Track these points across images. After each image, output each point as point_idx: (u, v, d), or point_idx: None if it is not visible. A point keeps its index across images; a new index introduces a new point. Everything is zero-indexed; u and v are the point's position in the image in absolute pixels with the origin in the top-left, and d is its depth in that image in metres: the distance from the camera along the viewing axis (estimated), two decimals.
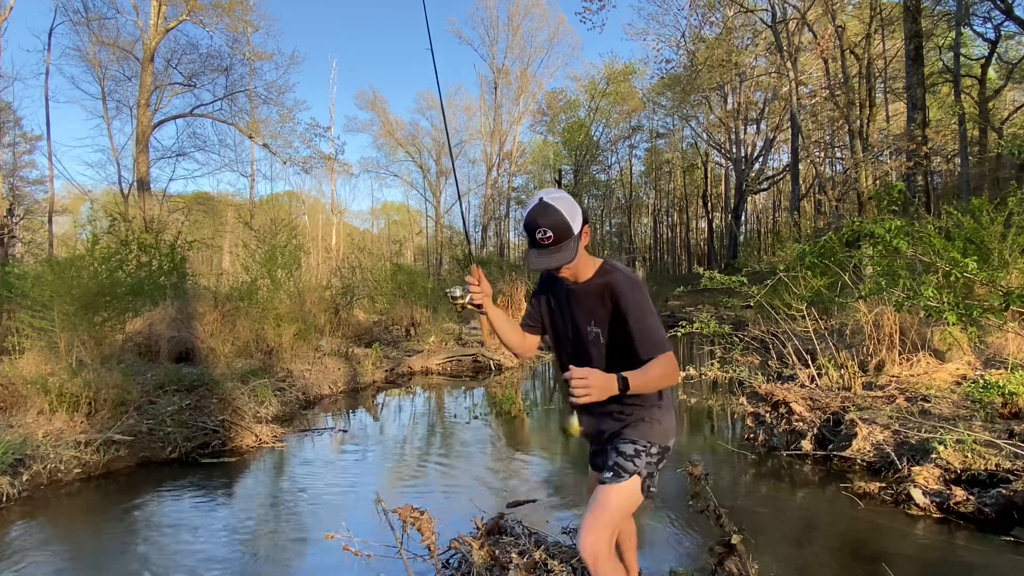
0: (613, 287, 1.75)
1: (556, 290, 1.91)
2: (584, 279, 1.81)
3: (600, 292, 1.78)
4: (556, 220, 1.67)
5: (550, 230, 1.67)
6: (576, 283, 1.83)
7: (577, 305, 1.84)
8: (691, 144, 37.38)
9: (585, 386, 1.54)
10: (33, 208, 23.48)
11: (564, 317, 1.89)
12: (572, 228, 1.69)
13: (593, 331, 1.80)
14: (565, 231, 1.68)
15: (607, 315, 1.76)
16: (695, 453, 5.45)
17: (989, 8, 15.31)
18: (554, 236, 1.67)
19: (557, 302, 1.91)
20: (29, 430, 4.79)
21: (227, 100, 21.11)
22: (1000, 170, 16.15)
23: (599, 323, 1.79)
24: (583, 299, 1.82)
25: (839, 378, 5.82)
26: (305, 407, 7.21)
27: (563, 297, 1.88)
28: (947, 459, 3.77)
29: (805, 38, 18.10)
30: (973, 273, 3.62)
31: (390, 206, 50.74)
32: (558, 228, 1.68)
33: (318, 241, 32.35)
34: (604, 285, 1.77)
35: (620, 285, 1.74)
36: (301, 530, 3.75)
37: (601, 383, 1.56)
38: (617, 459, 1.83)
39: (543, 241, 1.68)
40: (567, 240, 1.69)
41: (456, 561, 2.75)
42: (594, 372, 1.56)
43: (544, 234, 1.67)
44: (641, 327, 1.70)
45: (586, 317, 1.82)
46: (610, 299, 1.75)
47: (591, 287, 1.80)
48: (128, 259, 8.44)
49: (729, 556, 2.33)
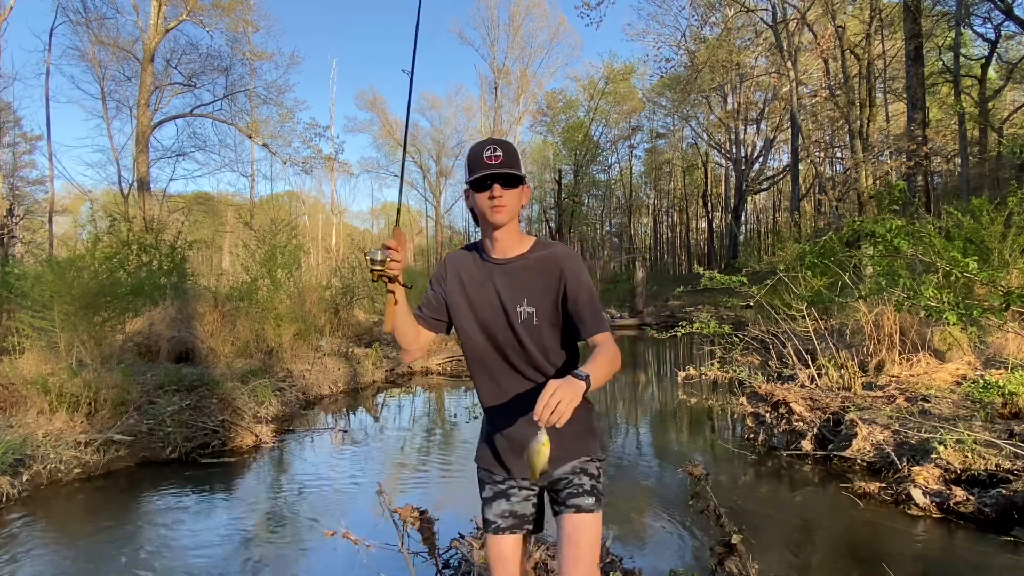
0: (562, 260, 1.56)
1: (471, 269, 1.64)
2: (515, 252, 1.60)
3: (541, 266, 1.57)
4: (508, 148, 1.52)
5: (500, 149, 1.50)
6: (504, 258, 1.60)
7: (505, 282, 1.59)
8: (691, 144, 37.43)
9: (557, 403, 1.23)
10: (33, 208, 23.50)
11: (484, 297, 1.61)
12: (521, 165, 1.54)
13: (525, 311, 1.56)
14: (515, 160, 1.52)
15: (550, 292, 1.55)
16: (695, 453, 5.45)
17: (989, 8, 15.32)
18: (504, 157, 1.50)
19: (473, 281, 1.63)
20: (29, 430, 4.79)
21: (227, 100, 21.13)
22: (1000, 170, 16.16)
23: (533, 301, 1.56)
24: (515, 275, 1.58)
25: (839, 378, 5.82)
26: (305, 407, 7.21)
27: (484, 275, 1.62)
28: (947, 459, 3.77)
29: (805, 38, 18.10)
30: (973, 273, 3.62)
31: (390, 206, 50.75)
32: (510, 154, 1.52)
33: (318, 241, 32.35)
34: (548, 258, 1.58)
35: (569, 258, 1.57)
36: (301, 530, 3.75)
37: (570, 393, 1.25)
38: (590, 482, 1.58)
39: (491, 160, 1.49)
40: (517, 169, 1.52)
41: (456, 561, 2.75)
42: (558, 385, 1.26)
43: (494, 151, 1.50)
44: (592, 303, 1.53)
45: (515, 295, 1.57)
46: (557, 273, 1.55)
47: (528, 261, 1.59)
48: (128, 259, 8.45)
49: (729, 556, 2.33)
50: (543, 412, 1.22)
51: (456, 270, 1.67)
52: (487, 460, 1.67)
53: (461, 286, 1.65)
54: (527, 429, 1.46)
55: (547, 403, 1.22)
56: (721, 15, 20.88)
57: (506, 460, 1.61)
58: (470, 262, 1.65)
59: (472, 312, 1.63)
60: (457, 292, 1.65)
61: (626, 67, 32.40)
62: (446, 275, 1.67)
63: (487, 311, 1.61)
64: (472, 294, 1.63)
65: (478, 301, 1.62)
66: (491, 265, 1.61)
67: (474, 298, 1.62)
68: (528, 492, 1.64)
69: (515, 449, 1.57)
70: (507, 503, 1.63)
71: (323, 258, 27.11)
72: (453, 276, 1.66)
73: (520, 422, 1.57)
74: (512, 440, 1.59)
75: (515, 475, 1.61)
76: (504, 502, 1.63)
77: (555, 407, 1.22)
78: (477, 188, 1.52)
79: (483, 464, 1.68)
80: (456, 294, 1.65)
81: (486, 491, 1.67)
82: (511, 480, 1.63)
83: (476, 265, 1.64)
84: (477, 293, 1.62)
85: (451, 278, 1.67)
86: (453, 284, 1.66)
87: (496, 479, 1.65)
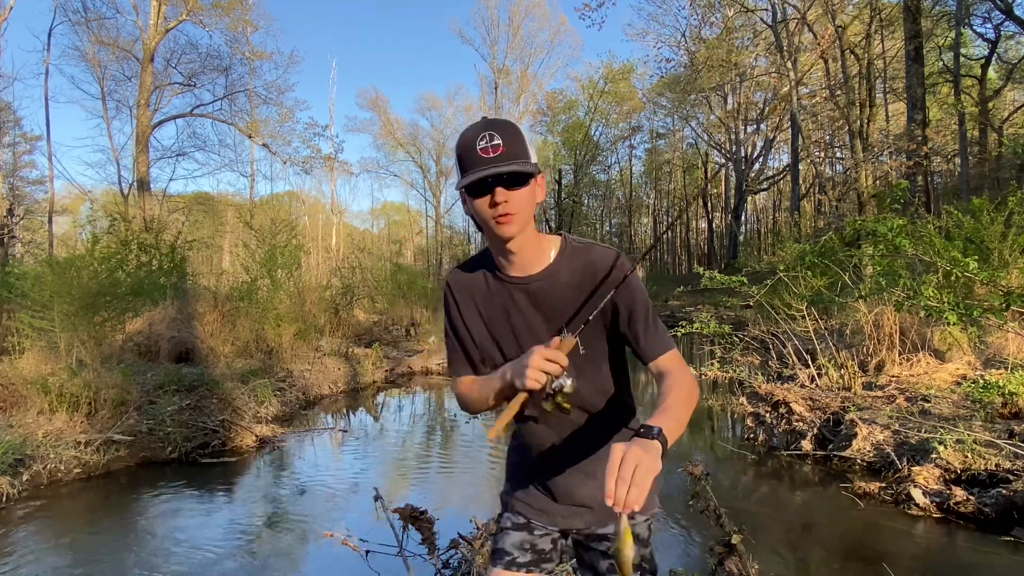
0: (604, 267, 1.20)
1: (483, 295, 1.27)
2: (539, 266, 1.21)
3: (578, 278, 1.20)
4: (509, 133, 1.11)
5: (499, 136, 1.10)
6: (525, 275, 1.22)
7: (533, 306, 1.22)
8: (691, 144, 37.43)
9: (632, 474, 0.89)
10: (33, 208, 23.48)
11: (507, 329, 1.25)
12: (530, 151, 1.13)
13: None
14: (521, 148, 1.11)
15: (592, 310, 1.18)
16: (695, 453, 5.45)
17: (989, 8, 15.32)
18: (505, 147, 1.09)
19: (490, 310, 1.26)
20: (29, 430, 4.79)
21: (227, 100, 21.12)
22: (1000, 170, 16.16)
23: (575, 326, 1.18)
24: (544, 296, 1.21)
25: (839, 378, 5.82)
26: (305, 407, 7.21)
27: (502, 299, 1.25)
28: (947, 459, 3.77)
29: (805, 38, 18.11)
30: (973, 273, 3.62)
31: (390, 206, 50.75)
32: (513, 141, 1.11)
33: (318, 241, 32.32)
34: (586, 267, 1.21)
35: (613, 263, 1.20)
36: (301, 530, 3.75)
37: (646, 460, 0.91)
38: (640, 550, 1.25)
39: (489, 153, 1.09)
40: (524, 160, 1.12)
41: (456, 561, 2.75)
42: (626, 450, 0.92)
43: (491, 141, 1.09)
44: (649, 315, 1.19)
45: (550, 323, 1.21)
46: (600, 285, 1.20)
47: (560, 273, 1.21)
48: (128, 259, 8.45)
49: (729, 556, 2.33)
50: (618, 492, 0.89)
51: (466, 298, 1.29)
52: (521, 506, 1.36)
53: (479, 317, 1.28)
54: (570, 479, 1.26)
55: (620, 477, 0.89)
56: (721, 15, 20.88)
57: (545, 509, 1.33)
58: (480, 285, 1.27)
59: (498, 350, 1.27)
60: (477, 326, 1.29)
61: (625, 66, 32.41)
62: (458, 306, 1.30)
63: (514, 349, 1.23)
64: (493, 328, 1.26)
65: (502, 335, 1.25)
66: (510, 286, 1.23)
67: (496, 333, 1.26)
68: (556, 533, 1.35)
69: (559, 497, 1.30)
70: (529, 535, 1.34)
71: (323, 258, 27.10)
72: (467, 306, 1.30)
73: (567, 472, 1.27)
74: (555, 490, 1.30)
75: (554, 523, 1.33)
76: (526, 533, 1.34)
77: (630, 481, 0.89)
78: (474, 193, 1.13)
79: (517, 508, 1.37)
80: (476, 329, 1.29)
81: (505, 520, 1.38)
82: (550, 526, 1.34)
83: (490, 288, 1.26)
84: (499, 326, 1.25)
85: (465, 308, 1.30)
86: (470, 316, 1.29)
87: (524, 519, 1.36)
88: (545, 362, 1.06)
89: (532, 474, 1.33)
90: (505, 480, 1.43)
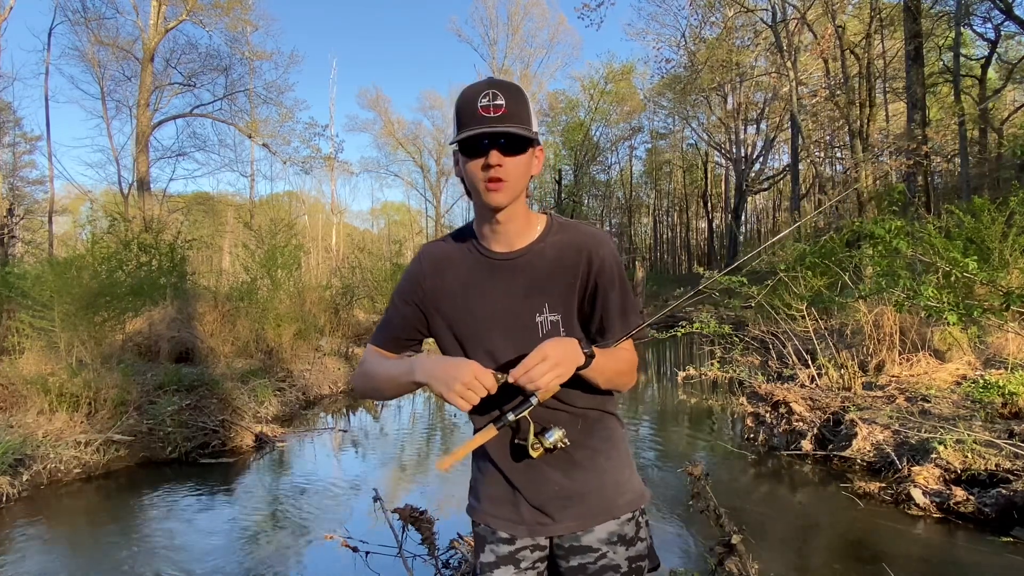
0: (589, 245, 1.15)
1: (462, 269, 1.19)
2: (524, 241, 1.16)
3: (563, 255, 1.14)
4: (513, 94, 1.05)
5: (503, 95, 1.04)
6: (509, 250, 1.16)
7: (516, 282, 1.15)
8: (691, 144, 37.45)
9: (548, 364, 0.98)
10: (33, 208, 23.50)
11: (487, 307, 1.16)
12: (533, 120, 1.08)
13: (548, 320, 1.14)
14: (524, 111, 1.06)
15: (577, 290, 1.14)
16: (695, 453, 5.45)
17: (989, 8, 15.32)
18: (507, 108, 1.03)
19: (469, 286, 1.18)
20: (29, 430, 4.79)
21: (227, 100, 21.11)
22: (1000, 170, 16.17)
23: (557, 306, 1.14)
24: (528, 271, 1.15)
25: (839, 378, 5.82)
26: (305, 407, 7.21)
27: (483, 275, 1.17)
28: (947, 459, 3.77)
29: (805, 38, 18.11)
30: (973, 273, 3.62)
31: (390, 206, 50.74)
32: (516, 102, 1.05)
33: (318, 241, 32.34)
34: (570, 244, 1.15)
35: (599, 243, 1.15)
36: (301, 530, 3.75)
37: (563, 352, 1.01)
38: (625, 554, 1.18)
39: (489, 112, 1.03)
40: (526, 125, 1.05)
41: (456, 561, 2.75)
42: (547, 343, 1.01)
43: (493, 99, 1.03)
44: (624, 304, 1.16)
45: (533, 300, 1.14)
46: (587, 265, 1.14)
47: (544, 250, 1.15)
48: (128, 259, 8.45)
49: (729, 556, 2.33)
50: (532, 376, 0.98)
51: (440, 272, 1.20)
52: (490, 513, 1.24)
53: (451, 295, 1.18)
54: (550, 477, 1.18)
55: (534, 369, 0.99)
56: (721, 15, 20.88)
57: (522, 513, 1.20)
58: (460, 258, 1.19)
59: (475, 330, 1.17)
60: (447, 304, 1.19)
61: (626, 67, 32.44)
62: (423, 281, 1.20)
63: (495, 328, 1.16)
64: (472, 304, 1.17)
65: (480, 314, 1.16)
66: (493, 261, 1.16)
67: (475, 310, 1.17)
68: (541, 555, 1.23)
69: (534, 499, 1.19)
70: (515, 570, 1.21)
71: (323, 258, 27.10)
72: (436, 281, 1.20)
73: (541, 469, 1.18)
74: (531, 489, 1.20)
75: (532, 532, 1.20)
76: (512, 569, 1.21)
77: (542, 370, 0.98)
78: (467, 152, 1.06)
79: (483, 518, 1.26)
80: (447, 307, 1.19)
81: (486, 554, 1.24)
82: (525, 540, 1.21)
83: (470, 262, 1.18)
84: (478, 303, 1.17)
85: (433, 285, 1.20)
86: (438, 294, 1.19)
87: (502, 537, 1.22)
88: (475, 382, 1.01)
89: (502, 479, 1.24)
90: (469, 496, 1.34)
